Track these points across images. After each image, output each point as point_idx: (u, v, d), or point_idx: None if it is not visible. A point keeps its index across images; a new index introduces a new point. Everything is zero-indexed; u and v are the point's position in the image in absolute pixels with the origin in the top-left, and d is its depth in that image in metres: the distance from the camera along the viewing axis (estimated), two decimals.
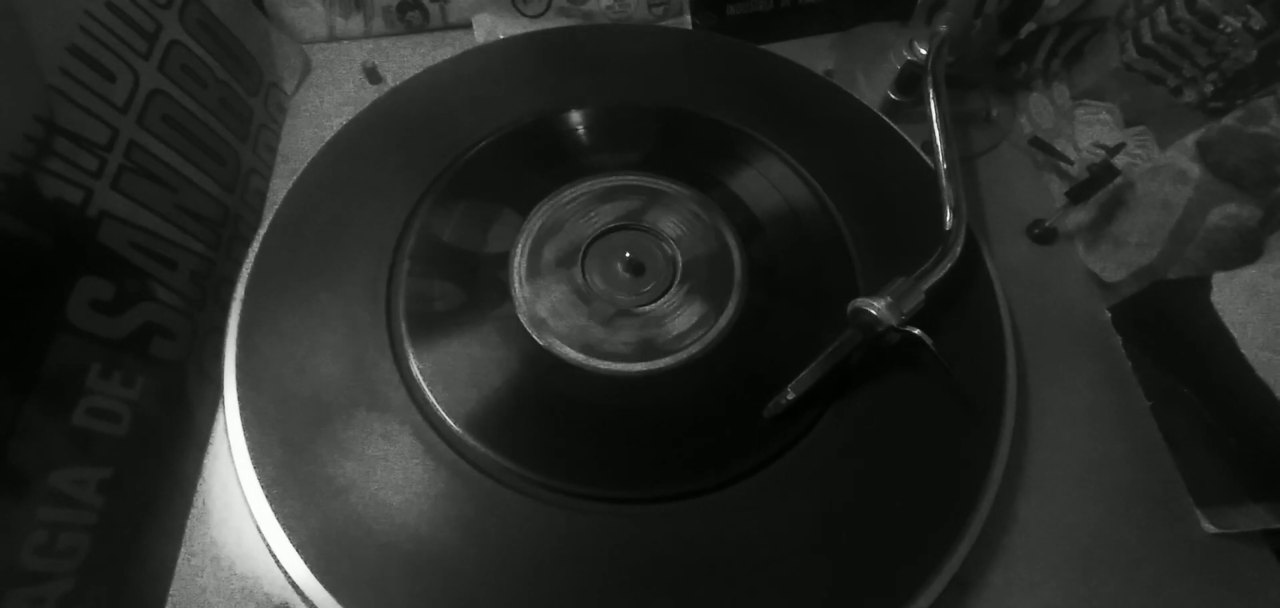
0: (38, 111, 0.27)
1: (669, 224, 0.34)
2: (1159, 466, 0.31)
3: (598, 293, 0.32)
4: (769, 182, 0.35)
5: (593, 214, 0.34)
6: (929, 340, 0.27)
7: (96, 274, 0.28)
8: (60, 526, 0.26)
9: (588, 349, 0.30)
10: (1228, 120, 0.31)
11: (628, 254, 0.32)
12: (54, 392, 0.26)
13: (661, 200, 0.34)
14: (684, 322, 0.31)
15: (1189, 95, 0.33)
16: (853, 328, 0.28)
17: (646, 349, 0.30)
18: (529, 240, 0.33)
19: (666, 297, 0.32)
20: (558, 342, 0.30)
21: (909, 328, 0.27)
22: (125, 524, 0.29)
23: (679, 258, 0.33)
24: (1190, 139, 0.32)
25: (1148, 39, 0.34)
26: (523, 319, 0.30)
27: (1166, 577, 0.29)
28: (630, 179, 0.35)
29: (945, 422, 0.29)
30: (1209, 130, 0.31)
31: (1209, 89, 0.32)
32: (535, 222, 0.33)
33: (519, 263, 0.32)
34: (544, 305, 0.31)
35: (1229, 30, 0.31)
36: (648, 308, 0.31)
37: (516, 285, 0.31)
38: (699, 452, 0.27)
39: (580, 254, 0.32)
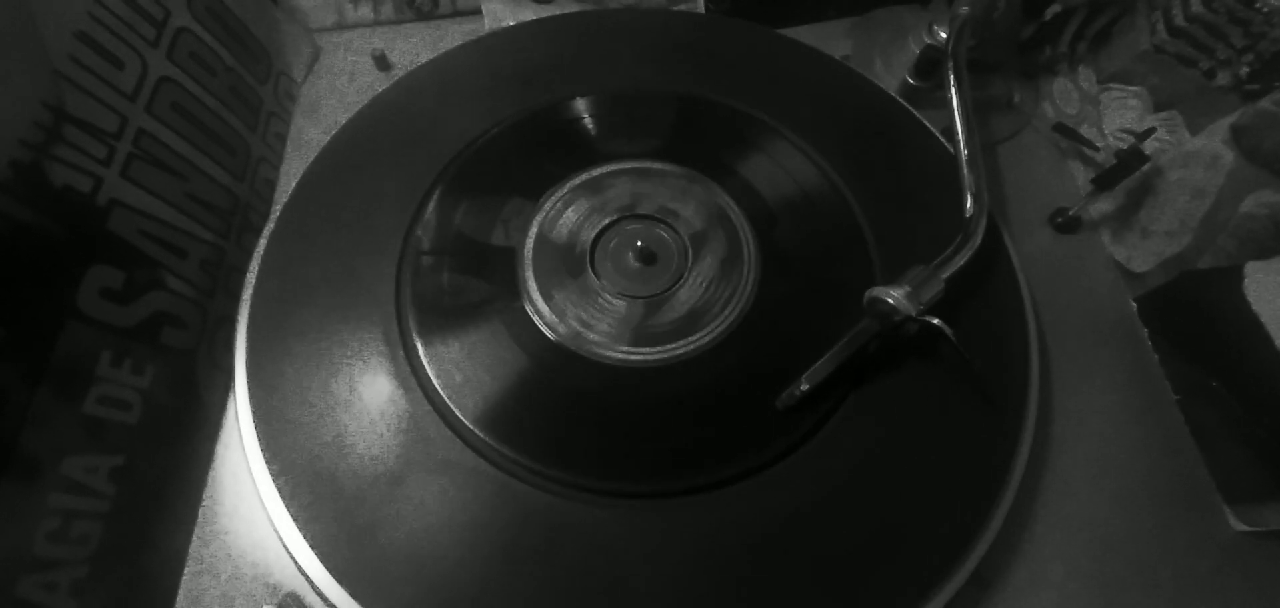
0: (46, 98, 0.26)
1: (681, 212, 0.33)
2: (1186, 461, 0.30)
3: (610, 283, 0.31)
4: (784, 169, 0.34)
5: (604, 203, 0.33)
6: (949, 331, 0.26)
7: (107, 262, 0.28)
8: (72, 513, 0.26)
9: (598, 339, 0.29)
10: (1264, 103, 0.29)
11: (640, 243, 0.32)
12: (65, 380, 0.26)
13: (674, 188, 0.34)
14: (696, 312, 0.30)
15: (1223, 78, 0.32)
16: (870, 318, 0.27)
17: (658, 339, 0.29)
18: (539, 229, 0.32)
19: (679, 286, 0.31)
20: (568, 332, 0.29)
21: (928, 318, 0.27)
22: (137, 512, 0.29)
23: (691, 247, 0.32)
24: (1223, 123, 0.31)
25: (1180, 20, 0.33)
26: (532, 309, 0.30)
27: (1193, 576, 0.28)
28: (642, 167, 0.34)
29: (965, 415, 0.28)
30: (1244, 114, 0.30)
31: (1244, 71, 0.31)
32: (546, 210, 0.33)
33: (529, 252, 0.31)
34: (554, 295, 0.30)
35: (1266, 10, 0.30)
36: (660, 297, 0.31)
37: (527, 275, 0.31)
38: (711, 444, 0.27)
39: (591, 243, 0.32)
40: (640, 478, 0.26)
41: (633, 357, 0.29)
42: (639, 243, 0.32)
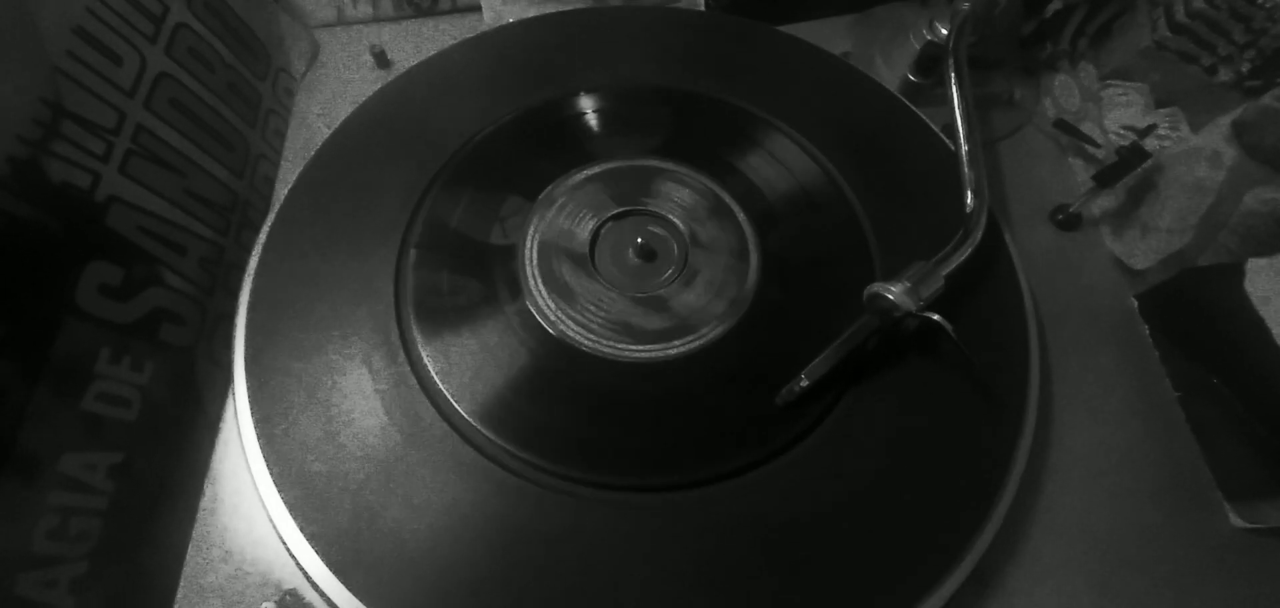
0: (44, 94, 0.26)
1: (681, 209, 0.33)
2: (1186, 458, 0.30)
3: (609, 279, 0.31)
4: (784, 165, 0.34)
5: (604, 199, 0.33)
6: (949, 327, 0.26)
7: (105, 259, 0.28)
8: (71, 510, 0.26)
9: (598, 336, 0.29)
10: (1265, 100, 0.29)
11: (639, 240, 0.32)
12: (64, 376, 0.26)
13: (674, 185, 0.34)
14: (696, 308, 0.30)
15: (1224, 74, 0.32)
16: (869, 314, 0.27)
17: (658, 336, 0.29)
18: (539, 226, 0.32)
19: (679, 283, 0.31)
20: (567, 328, 0.29)
21: (928, 314, 0.26)
22: (136, 509, 0.29)
23: (691, 243, 0.32)
24: (1225, 120, 0.31)
25: (1181, 16, 0.33)
26: (532, 306, 0.30)
27: (1193, 573, 0.28)
28: (642, 163, 0.34)
29: (965, 411, 0.28)
30: (1245, 110, 0.30)
31: (1246, 68, 0.31)
32: (545, 207, 0.33)
33: (529, 249, 0.31)
34: (554, 291, 0.30)
35: (1268, 6, 0.30)
36: (659, 294, 0.31)
37: (526, 272, 0.31)
38: (711, 440, 0.27)
39: (591, 240, 0.32)
40: (639, 474, 0.26)
41: (633, 353, 0.29)
42: (638, 239, 0.32)
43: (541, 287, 0.30)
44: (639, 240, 0.32)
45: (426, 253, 0.31)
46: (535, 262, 0.31)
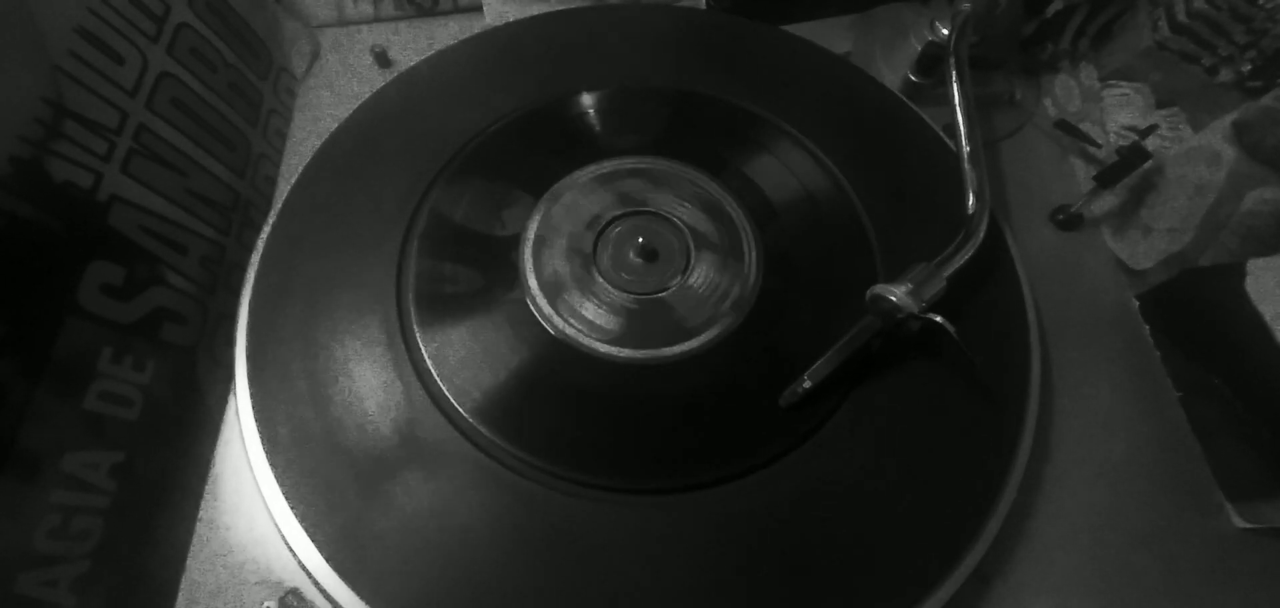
0: (46, 94, 0.26)
1: (683, 209, 0.33)
2: (1188, 458, 0.30)
3: (610, 278, 0.31)
4: (786, 166, 0.34)
5: (605, 199, 0.33)
6: (951, 328, 0.26)
7: (107, 258, 0.28)
8: (73, 509, 0.26)
9: (599, 335, 0.29)
10: (1266, 100, 0.29)
11: (641, 239, 0.32)
12: (65, 376, 0.26)
13: (675, 185, 0.34)
14: (698, 308, 0.30)
15: (1225, 74, 0.32)
16: (872, 315, 0.27)
17: (659, 336, 0.29)
18: (540, 226, 0.32)
19: (680, 282, 0.31)
20: (569, 328, 0.29)
21: (930, 315, 0.26)
22: (138, 508, 0.29)
23: (693, 243, 0.32)
24: (1226, 120, 0.31)
25: (1182, 16, 0.33)
26: (534, 305, 0.30)
27: (1195, 573, 0.28)
28: (643, 163, 0.34)
29: (967, 412, 0.28)
30: (1246, 111, 0.30)
31: (1247, 68, 0.31)
32: (547, 207, 0.33)
33: (530, 248, 0.31)
34: (555, 291, 0.30)
35: (1269, 6, 0.30)
36: (661, 294, 0.31)
37: (528, 271, 0.31)
38: (713, 441, 0.27)
39: (593, 239, 0.32)
40: (642, 475, 0.26)
41: (634, 353, 0.29)
42: (640, 239, 0.32)
43: (543, 287, 0.30)
44: (640, 240, 0.32)
45: (428, 252, 0.31)
46: (537, 262, 0.31)
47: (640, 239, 0.32)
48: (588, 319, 0.30)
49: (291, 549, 0.25)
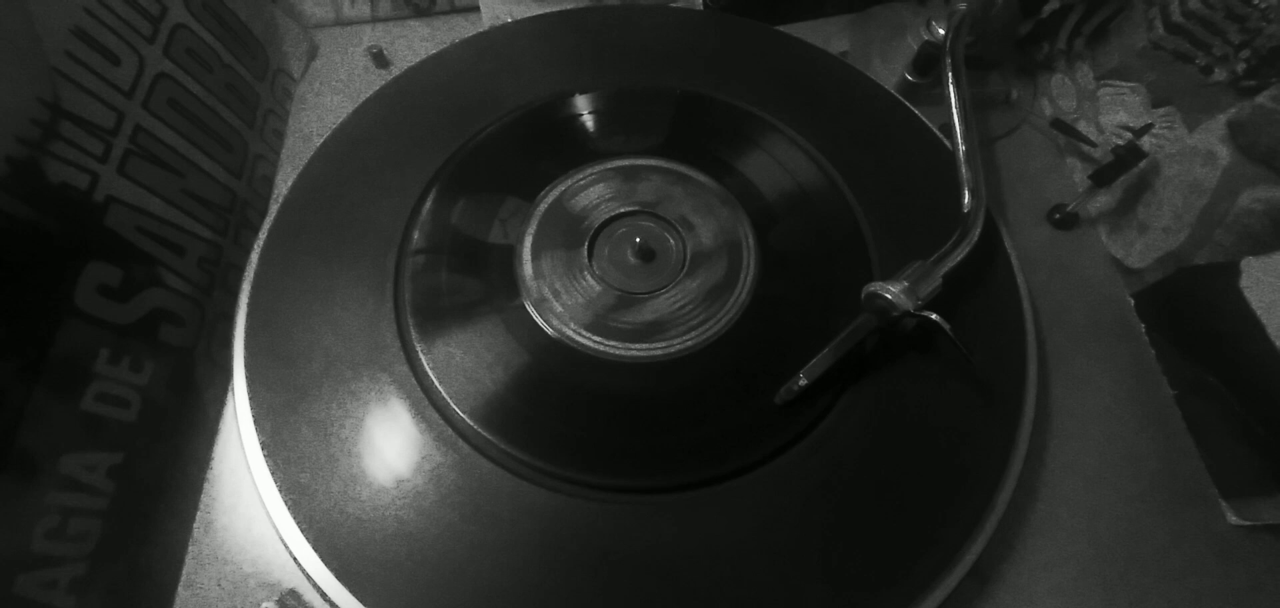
0: (43, 95, 0.26)
1: (680, 209, 0.33)
2: (1183, 456, 0.31)
3: (608, 279, 0.31)
4: (782, 165, 0.34)
5: (602, 199, 0.33)
6: (946, 326, 0.26)
7: (104, 259, 0.28)
8: (71, 510, 0.26)
9: (597, 336, 0.29)
10: (1261, 99, 0.29)
11: (638, 240, 0.32)
12: (63, 377, 0.26)
13: (672, 185, 0.34)
14: (695, 308, 0.30)
15: (1220, 74, 0.32)
16: (868, 313, 0.28)
17: (657, 336, 0.29)
18: (538, 226, 0.32)
19: (677, 283, 0.31)
20: (567, 329, 0.29)
21: (926, 313, 0.27)
22: (136, 510, 0.29)
23: (690, 243, 0.32)
24: (1220, 119, 0.31)
25: (1177, 16, 0.33)
26: (531, 307, 0.30)
27: (1190, 570, 0.28)
28: (640, 163, 0.34)
29: (963, 410, 0.28)
30: (1241, 110, 0.30)
31: (1241, 68, 0.31)
32: (544, 207, 0.33)
33: (527, 249, 0.31)
34: (553, 292, 0.30)
35: (1263, 6, 0.30)
36: (658, 294, 0.31)
37: (525, 272, 0.31)
38: (710, 439, 0.27)
39: (590, 240, 0.32)
40: (639, 474, 0.26)
41: (631, 352, 0.29)
42: (637, 239, 0.32)
43: (539, 286, 0.30)
44: (637, 240, 0.32)
45: (425, 253, 0.31)
46: (534, 262, 0.31)
47: (637, 240, 0.32)
48: (585, 319, 0.30)
49: (289, 550, 0.25)
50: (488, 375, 0.28)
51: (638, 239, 0.32)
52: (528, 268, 0.31)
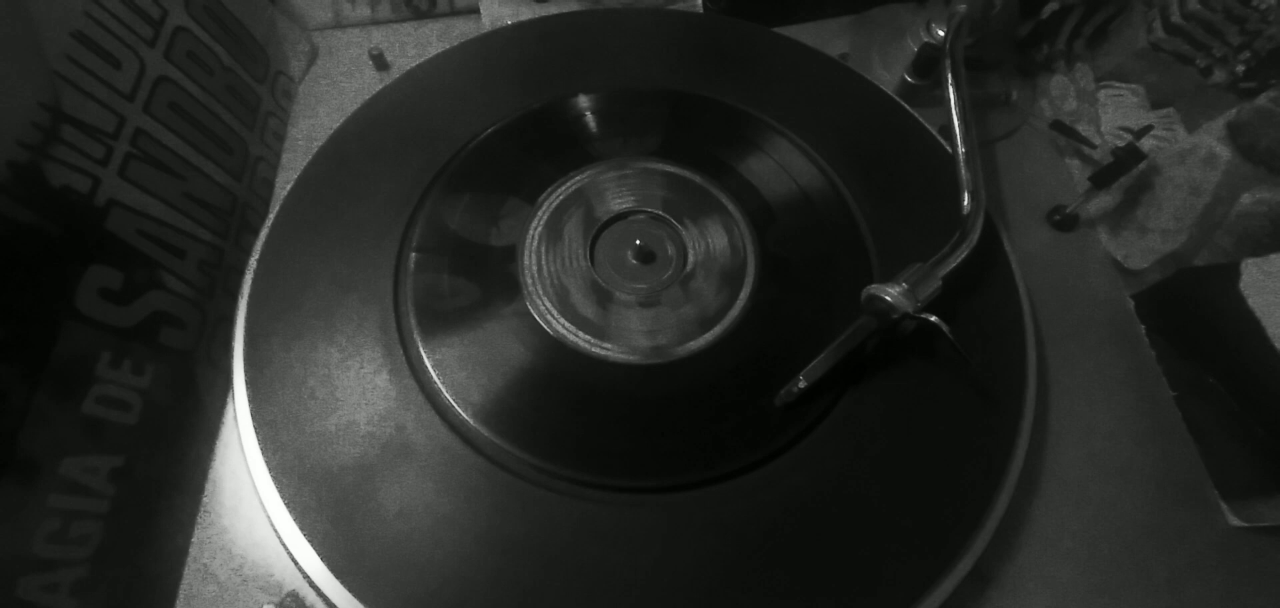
0: (43, 98, 0.26)
1: (679, 211, 0.33)
2: (1183, 457, 0.31)
3: (608, 281, 0.31)
4: (782, 167, 0.34)
5: (602, 201, 0.33)
6: (946, 328, 0.26)
7: (105, 263, 0.28)
8: (72, 514, 0.26)
9: (597, 338, 0.29)
10: (1260, 101, 0.29)
11: (638, 242, 0.32)
12: (64, 380, 0.26)
13: (672, 187, 0.34)
14: (694, 309, 0.30)
15: (1219, 75, 0.32)
16: (867, 315, 0.28)
17: (656, 337, 0.29)
18: (538, 228, 0.32)
19: (677, 284, 0.31)
20: (567, 330, 0.29)
21: (925, 315, 0.27)
22: (137, 513, 0.29)
23: (690, 245, 0.32)
24: (1220, 121, 0.31)
25: (1176, 17, 0.33)
26: (532, 308, 0.30)
27: (1190, 571, 0.28)
28: (640, 166, 0.34)
29: (963, 412, 0.28)
30: (1240, 112, 0.30)
31: (1241, 69, 0.31)
32: (544, 209, 0.33)
33: (528, 251, 0.31)
34: (553, 293, 0.30)
35: (1263, 7, 0.30)
36: (658, 296, 0.31)
37: (526, 273, 0.31)
38: (710, 441, 0.27)
39: (590, 242, 0.32)
40: (639, 475, 0.26)
41: (631, 354, 0.29)
42: (637, 241, 0.32)
43: (540, 288, 0.30)
44: (637, 242, 0.32)
45: (426, 255, 0.31)
46: (534, 263, 0.31)
47: (637, 241, 0.32)
48: (585, 320, 0.30)
49: (290, 553, 0.25)
50: (488, 377, 0.28)
51: (637, 241, 0.32)
52: (528, 270, 0.31)
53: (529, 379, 0.28)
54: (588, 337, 0.29)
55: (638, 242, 0.32)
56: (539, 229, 0.32)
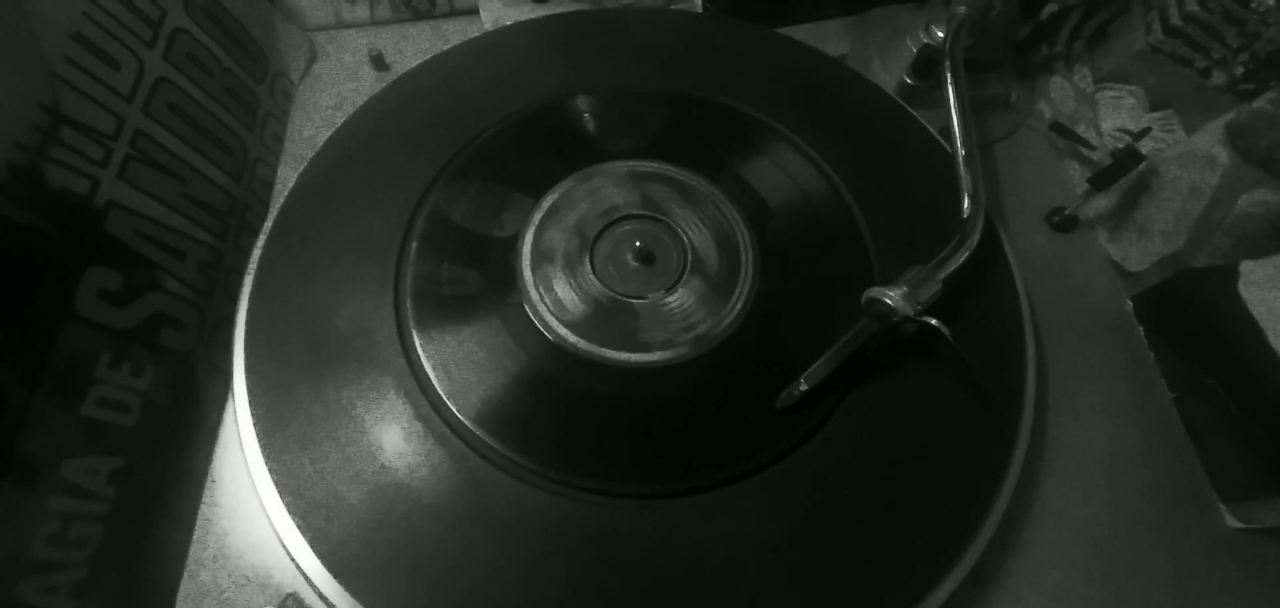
0: (42, 100, 0.26)
1: (680, 212, 0.33)
2: (1182, 459, 0.31)
3: (608, 282, 0.31)
4: (782, 169, 0.34)
5: (602, 202, 0.33)
6: (946, 331, 0.26)
7: (104, 264, 0.28)
8: (72, 516, 0.26)
9: (597, 339, 0.29)
10: (1259, 103, 0.29)
11: (638, 243, 0.32)
12: (63, 382, 0.26)
13: (672, 188, 0.34)
14: (695, 312, 0.30)
15: (1218, 77, 0.32)
16: (868, 318, 0.28)
17: (657, 339, 0.29)
18: (538, 230, 0.32)
19: (677, 286, 0.31)
20: (567, 332, 0.29)
21: (926, 318, 0.27)
22: (136, 514, 0.29)
23: (690, 246, 0.32)
24: (1219, 123, 0.31)
25: (1175, 19, 0.33)
26: (532, 310, 0.30)
27: (1189, 572, 0.28)
28: (640, 166, 0.34)
29: (963, 414, 0.28)
30: (1239, 113, 0.30)
31: (1239, 71, 0.31)
32: (544, 210, 0.33)
33: (528, 252, 0.31)
34: (553, 295, 0.30)
35: (1261, 10, 0.30)
36: (658, 297, 0.31)
37: (525, 276, 0.31)
38: (710, 444, 0.27)
39: (590, 243, 0.32)
40: (639, 478, 0.26)
41: (631, 357, 0.29)
42: (637, 243, 0.32)
43: (540, 290, 0.30)
44: (637, 244, 0.32)
45: (425, 256, 0.31)
46: (534, 265, 0.31)
47: (637, 243, 0.32)
48: (585, 322, 0.30)
49: (290, 554, 0.25)
50: (488, 379, 0.28)
51: (637, 242, 0.32)
52: (527, 272, 0.31)
53: (527, 381, 0.28)
54: (587, 338, 0.29)
55: (637, 243, 0.32)
56: (538, 230, 0.32)
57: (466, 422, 0.27)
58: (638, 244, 0.32)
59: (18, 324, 0.25)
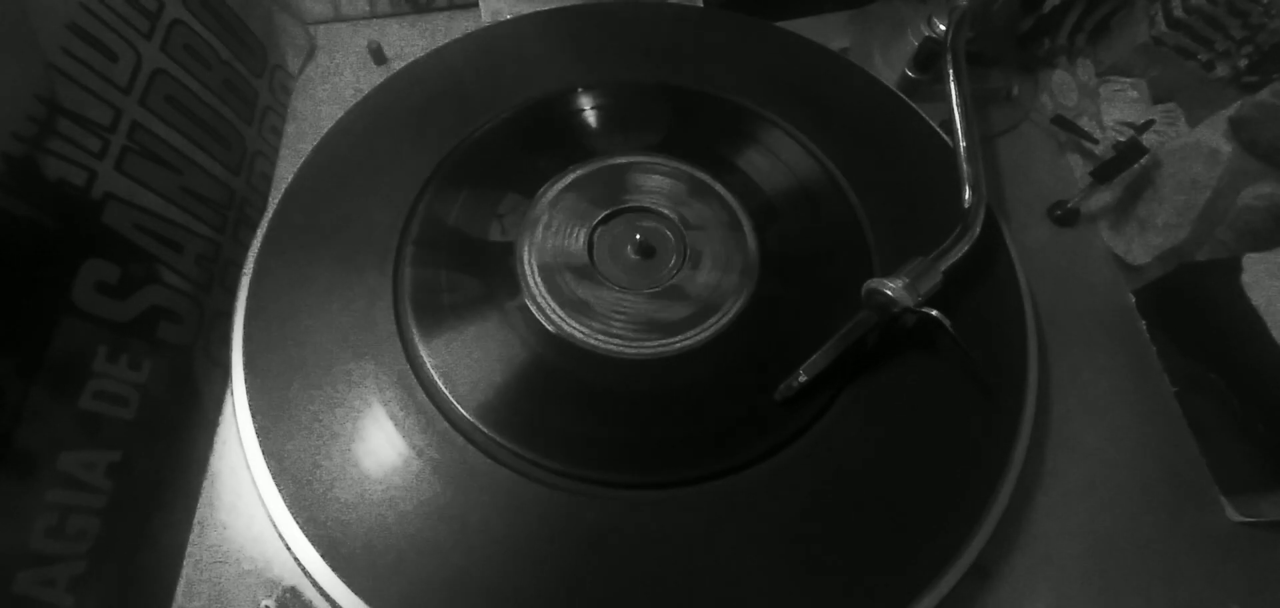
0: (39, 91, 0.26)
1: (680, 206, 0.33)
2: (1184, 453, 0.31)
3: (608, 276, 0.31)
4: (782, 161, 0.34)
5: (602, 196, 0.33)
6: (947, 322, 0.26)
7: (102, 257, 0.28)
8: (70, 508, 0.26)
9: (597, 333, 0.29)
10: (1263, 96, 0.29)
11: (638, 236, 0.32)
12: (61, 375, 0.26)
13: (671, 181, 0.34)
14: (695, 304, 0.30)
15: (1221, 70, 0.32)
16: (868, 309, 0.27)
17: (656, 332, 0.29)
18: (537, 223, 0.32)
19: (677, 279, 0.31)
20: (567, 325, 0.29)
21: (926, 309, 0.26)
22: (135, 508, 0.29)
23: (690, 239, 0.32)
24: (1222, 116, 0.31)
25: (1179, 11, 0.33)
26: (531, 303, 0.30)
27: (1191, 565, 0.28)
28: (640, 160, 0.34)
29: (963, 406, 0.28)
30: (1243, 106, 0.30)
31: (1243, 63, 0.31)
32: (544, 204, 0.33)
33: (527, 246, 0.31)
34: (553, 289, 0.30)
35: (1265, 1, 0.30)
36: (658, 291, 0.31)
37: (525, 269, 0.31)
38: (710, 435, 0.27)
39: (590, 236, 0.32)
40: (639, 470, 0.26)
41: (630, 350, 0.29)
42: (637, 236, 0.32)
43: (539, 283, 0.30)
44: (637, 237, 0.31)
45: (424, 250, 0.31)
46: (533, 258, 0.31)
47: (637, 236, 0.32)
48: (585, 316, 0.30)
49: (289, 548, 0.25)
50: (488, 372, 0.28)
51: (637, 235, 0.32)
52: (527, 264, 0.31)
53: (528, 375, 0.28)
54: (587, 332, 0.29)
55: (637, 236, 0.32)
56: (538, 224, 0.32)
57: (465, 414, 0.27)
58: (638, 237, 0.31)
59: (15, 316, 0.25)
